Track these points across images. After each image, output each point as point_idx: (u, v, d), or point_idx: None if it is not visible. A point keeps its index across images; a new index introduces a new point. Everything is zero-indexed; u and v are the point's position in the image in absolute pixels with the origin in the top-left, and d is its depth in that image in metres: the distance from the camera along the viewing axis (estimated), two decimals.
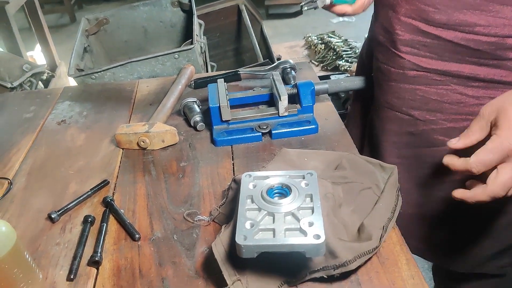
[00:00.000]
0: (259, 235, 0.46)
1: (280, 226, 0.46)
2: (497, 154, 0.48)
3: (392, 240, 0.55)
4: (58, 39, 3.40)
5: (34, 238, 0.60)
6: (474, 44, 0.61)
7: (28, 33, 2.61)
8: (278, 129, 0.76)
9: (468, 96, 0.65)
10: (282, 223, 0.46)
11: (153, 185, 0.69)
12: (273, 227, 0.46)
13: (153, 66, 1.04)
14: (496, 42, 0.59)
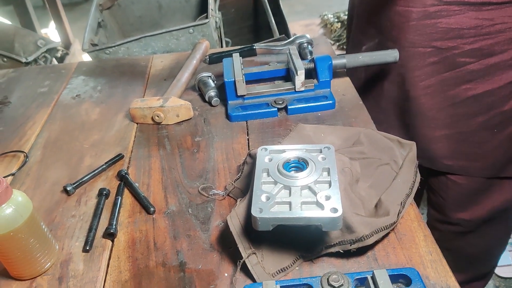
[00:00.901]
0: (275, 208, 0.45)
1: (297, 200, 0.45)
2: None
3: (409, 216, 0.53)
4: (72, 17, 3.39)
5: (50, 210, 0.61)
6: None
7: (42, 11, 2.61)
8: (294, 105, 0.75)
9: (484, 19, 0.68)
10: (298, 196, 0.45)
11: (167, 159, 0.68)
12: (289, 200, 0.45)
13: (167, 41, 1.02)
14: None
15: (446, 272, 0.46)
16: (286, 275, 0.48)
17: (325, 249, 0.49)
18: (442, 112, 0.78)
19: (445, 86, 0.75)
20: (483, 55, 0.70)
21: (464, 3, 0.69)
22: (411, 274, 0.43)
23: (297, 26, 2.58)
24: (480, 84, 0.72)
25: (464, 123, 0.77)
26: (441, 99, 0.77)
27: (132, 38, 1.01)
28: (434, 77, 0.76)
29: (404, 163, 0.58)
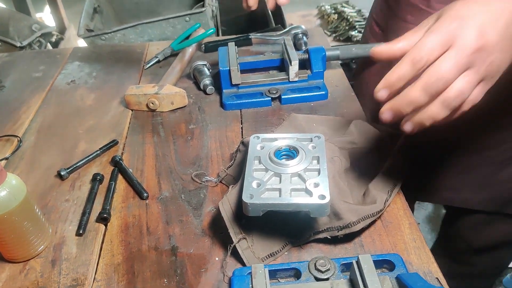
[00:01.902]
0: (266, 194, 0.46)
1: (286, 186, 0.46)
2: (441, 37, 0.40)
3: (396, 205, 0.55)
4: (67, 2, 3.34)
5: (43, 194, 0.62)
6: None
7: None
8: (288, 94, 0.75)
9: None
10: (288, 183, 0.46)
11: (161, 146, 0.69)
12: (279, 187, 0.46)
13: (163, 29, 1.02)
14: None
15: (428, 258, 0.47)
16: (275, 259, 0.49)
17: (313, 235, 0.50)
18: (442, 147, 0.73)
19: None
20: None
21: None
22: (395, 260, 0.45)
23: (294, 17, 2.57)
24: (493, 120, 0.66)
25: (469, 158, 0.71)
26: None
27: (128, 25, 1.01)
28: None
29: (392, 153, 0.60)
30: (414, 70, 0.39)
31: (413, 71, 0.39)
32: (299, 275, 0.46)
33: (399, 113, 0.40)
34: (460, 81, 0.39)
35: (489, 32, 0.38)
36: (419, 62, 0.39)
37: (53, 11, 2.49)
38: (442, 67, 0.38)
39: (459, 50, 0.38)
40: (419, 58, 0.39)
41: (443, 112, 0.39)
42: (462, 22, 0.39)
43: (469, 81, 0.39)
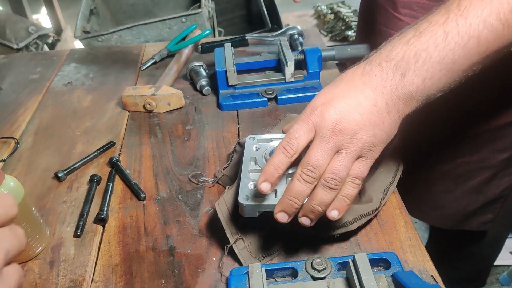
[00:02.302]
0: (261, 195, 0.46)
1: (282, 187, 0.46)
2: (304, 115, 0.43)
3: (392, 204, 0.55)
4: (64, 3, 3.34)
5: (41, 196, 0.62)
6: None
7: None
8: (284, 95, 0.76)
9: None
10: (284, 184, 0.47)
11: (158, 147, 0.69)
12: (275, 188, 0.46)
13: (160, 30, 1.02)
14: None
15: (424, 257, 0.48)
16: (272, 259, 0.50)
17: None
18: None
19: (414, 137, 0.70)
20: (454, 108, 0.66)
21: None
22: (390, 258, 0.45)
23: (290, 17, 2.58)
24: (449, 137, 0.69)
25: (429, 170, 0.73)
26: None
27: (124, 26, 1.01)
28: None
29: (387, 152, 0.60)
30: (287, 157, 0.43)
31: (286, 158, 0.43)
32: (296, 274, 0.46)
33: (291, 209, 0.43)
34: (334, 162, 0.41)
35: (346, 115, 0.41)
36: (290, 150, 0.42)
37: (49, 13, 2.49)
38: (311, 156, 0.41)
39: (320, 137, 0.41)
40: (289, 146, 0.42)
41: (328, 195, 0.42)
42: (323, 109, 0.42)
43: (342, 160, 0.41)
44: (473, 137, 0.68)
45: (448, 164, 0.72)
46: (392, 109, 0.42)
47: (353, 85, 0.42)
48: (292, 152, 0.42)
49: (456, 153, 0.71)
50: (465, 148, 0.70)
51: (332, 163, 0.41)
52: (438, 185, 0.75)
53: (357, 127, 0.41)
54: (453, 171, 0.72)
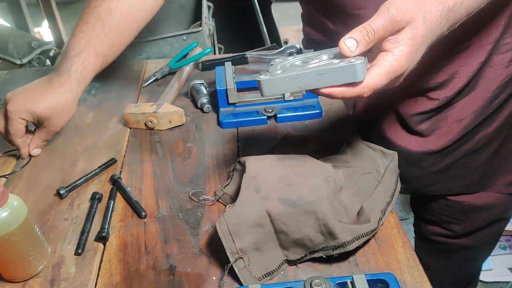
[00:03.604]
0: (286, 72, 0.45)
1: (312, 66, 0.46)
2: (390, 80, 0.45)
3: (390, 224, 0.56)
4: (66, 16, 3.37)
5: (42, 213, 0.62)
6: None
7: (36, 9, 2.60)
8: (283, 113, 0.77)
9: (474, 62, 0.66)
10: (314, 64, 0.46)
11: (159, 164, 0.70)
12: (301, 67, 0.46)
13: (161, 47, 1.04)
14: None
15: (422, 277, 0.49)
16: (272, 279, 0.50)
17: (309, 254, 0.51)
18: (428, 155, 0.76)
19: (436, 129, 0.73)
20: (471, 91, 0.69)
21: (455, 53, 0.67)
22: (389, 279, 0.46)
23: (289, 31, 2.61)
24: (471, 121, 0.70)
25: (452, 155, 0.75)
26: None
27: None
28: (424, 122, 0.73)
29: (385, 172, 0.61)
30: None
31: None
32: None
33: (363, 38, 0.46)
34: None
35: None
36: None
37: (51, 26, 2.52)
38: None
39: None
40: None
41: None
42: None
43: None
44: (491, 114, 0.71)
45: (469, 143, 0.74)
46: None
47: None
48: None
49: (474, 131, 0.72)
50: (484, 124, 0.72)
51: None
52: (459, 161, 0.76)
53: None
54: (474, 146, 0.74)
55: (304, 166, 0.57)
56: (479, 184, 0.79)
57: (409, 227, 1.50)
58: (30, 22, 2.24)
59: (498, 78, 0.67)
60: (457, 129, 0.72)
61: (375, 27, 0.44)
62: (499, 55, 0.66)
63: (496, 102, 0.69)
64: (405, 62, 0.45)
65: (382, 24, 0.44)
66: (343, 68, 0.43)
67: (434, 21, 0.45)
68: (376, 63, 0.45)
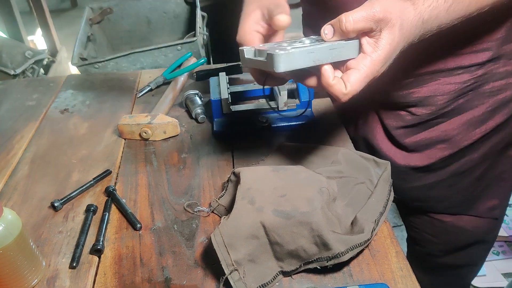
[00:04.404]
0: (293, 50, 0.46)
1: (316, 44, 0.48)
2: (368, 82, 0.48)
3: (383, 234, 0.57)
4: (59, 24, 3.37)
5: (37, 226, 0.62)
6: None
7: (29, 16, 2.60)
8: (277, 123, 0.78)
9: (456, 83, 0.67)
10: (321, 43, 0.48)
11: (154, 175, 0.70)
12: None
13: (156, 57, 1.05)
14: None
15: (415, 287, 0.49)
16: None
17: (304, 266, 0.51)
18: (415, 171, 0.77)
19: (420, 147, 0.74)
20: (456, 114, 0.70)
21: (434, 72, 0.67)
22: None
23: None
24: (453, 145, 0.71)
25: (435, 175, 0.76)
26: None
27: (121, 54, 1.03)
28: (408, 137, 0.75)
29: (379, 182, 0.62)
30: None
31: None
32: None
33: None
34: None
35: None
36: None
37: (44, 34, 2.52)
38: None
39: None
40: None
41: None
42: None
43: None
44: (477, 140, 0.71)
45: (454, 165, 0.75)
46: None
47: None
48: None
49: (460, 155, 0.73)
50: (470, 149, 0.72)
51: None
52: (444, 182, 0.77)
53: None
54: (459, 169, 0.75)
55: (298, 177, 0.57)
56: (462, 207, 0.80)
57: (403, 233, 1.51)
58: (24, 30, 2.23)
59: (485, 105, 0.68)
60: (441, 151, 0.73)
61: (355, 18, 0.46)
62: (489, 83, 0.67)
63: (483, 128, 0.70)
64: (380, 66, 0.48)
65: (363, 17, 0.45)
66: (349, 44, 0.47)
67: (408, 29, 0.48)
68: (356, 67, 0.47)
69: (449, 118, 0.70)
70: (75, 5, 4.30)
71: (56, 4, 4.30)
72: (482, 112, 0.68)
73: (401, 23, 0.47)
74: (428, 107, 0.70)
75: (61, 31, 3.12)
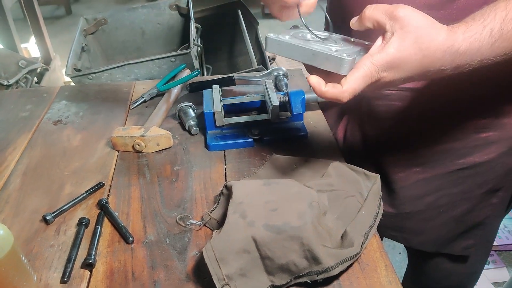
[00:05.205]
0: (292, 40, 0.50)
1: (314, 44, 0.50)
2: (368, 84, 0.47)
3: (372, 247, 0.57)
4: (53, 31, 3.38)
5: (28, 240, 0.62)
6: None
7: (22, 23, 2.59)
8: (270, 136, 0.79)
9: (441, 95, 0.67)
10: (319, 44, 0.51)
11: (147, 188, 0.71)
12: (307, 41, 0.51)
13: (150, 68, 1.05)
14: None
15: None
16: None
17: (294, 280, 0.52)
18: (391, 194, 0.78)
19: (396, 168, 0.75)
20: (435, 142, 0.70)
21: (416, 90, 0.67)
22: None
23: None
24: (429, 169, 0.72)
25: (411, 204, 0.76)
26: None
27: (115, 65, 1.04)
28: (385, 156, 0.75)
29: (368, 195, 0.63)
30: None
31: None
32: None
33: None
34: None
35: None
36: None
37: (38, 41, 2.51)
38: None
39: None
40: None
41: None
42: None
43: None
44: (452, 172, 0.72)
45: (430, 196, 0.75)
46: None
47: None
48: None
49: (437, 186, 0.74)
50: (448, 181, 0.73)
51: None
52: (420, 214, 0.77)
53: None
54: (436, 201, 0.75)
55: (289, 191, 0.58)
56: (436, 245, 0.80)
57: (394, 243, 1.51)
58: (17, 38, 2.23)
59: (467, 140, 0.69)
60: (416, 174, 0.73)
61: (376, 7, 0.47)
62: (473, 120, 0.67)
63: (461, 161, 0.70)
64: (382, 69, 0.46)
65: (383, 9, 0.47)
66: (333, 58, 0.48)
67: (433, 50, 0.45)
68: (356, 66, 0.47)
69: (427, 145, 0.71)
70: (69, 12, 4.31)
71: (51, 12, 4.31)
72: (462, 146, 0.69)
73: (420, 36, 0.45)
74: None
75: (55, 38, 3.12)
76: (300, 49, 0.50)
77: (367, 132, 0.77)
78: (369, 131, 0.77)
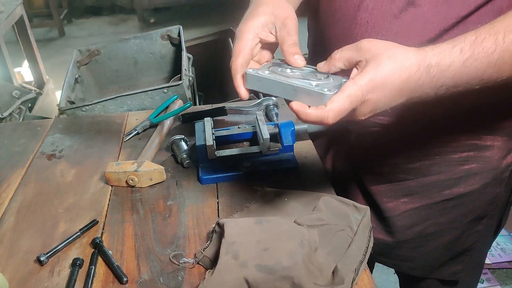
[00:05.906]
0: (271, 75, 0.51)
1: (294, 79, 0.51)
2: (354, 105, 0.48)
3: (363, 282, 0.58)
4: (46, 54, 3.39)
5: (22, 282, 0.62)
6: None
7: (15, 46, 2.60)
8: (261, 167, 0.80)
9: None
10: (297, 78, 0.52)
11: (140, 224, 0.71)
12: (288, 76, 0.52)
13: (142, 100, 1.07)
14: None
15: None
16: None
17: None
18: (380, 222, 0.79)
19: (385, 198, 0.77)
20: (421, 174, 0.72)
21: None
22: None
23: None
24: (417, 200, 0.74)
25: (401, 233, 0.78)
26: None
27: (108, 97, 1.05)
28: (374, 185, 0.77)
29: (358, 229, 0.64)
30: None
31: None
32: None
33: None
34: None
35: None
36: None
37: (31, 66, 2.53)
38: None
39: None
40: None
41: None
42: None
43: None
44: (439, 202, 0.74)
45: (419, 226, 0.77)
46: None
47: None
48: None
49: (424, 215, 0.76)
50: (435, 211, 0.75)
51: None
52: (410, 243, 0.79)
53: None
54: (424, 230, 0.77)
55: (280, 229, 0.59)
56: (425, 271, 0.82)
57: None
58: (10, 63, 2.24)
59: (451, 172, 0.71)
60: (404, 204, 0.75)
61: (343, 48, 0.50)
62: (457, 153, 0.69)
63: (447, 192, 0.72)
64: (366, 90, 0.47)
65: (350, 47, 0.50)
66: (314, 93, 0.49)
67: (407, 66, 0.47)
68: (341, 89, 0.49)
69: (414, 177, 0.73)
70: (62, 34, 4.34)
71: (44, 34, 4.34)
72: (447, 177, 0.71)
73: (393, 55, 0.47)
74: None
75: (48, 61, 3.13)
76: (281, 84, 0.51)
77: (355, 163, 0.79)
78: (357, 162, 0.79)
